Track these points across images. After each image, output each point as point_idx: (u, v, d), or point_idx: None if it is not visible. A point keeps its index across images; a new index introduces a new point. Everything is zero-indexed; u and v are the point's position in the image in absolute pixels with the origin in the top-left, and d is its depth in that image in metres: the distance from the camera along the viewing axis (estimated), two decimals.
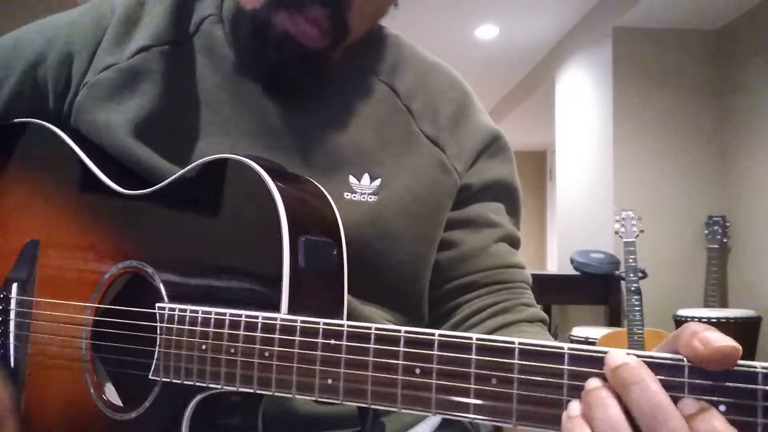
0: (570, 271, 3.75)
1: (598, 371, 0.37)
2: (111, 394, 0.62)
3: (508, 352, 0.40)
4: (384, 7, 0.71)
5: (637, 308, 2.93)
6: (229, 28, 0.71)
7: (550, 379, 0.39)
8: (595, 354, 0.38)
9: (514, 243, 0.77)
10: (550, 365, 0.39)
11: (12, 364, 0.67)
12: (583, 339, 3.27)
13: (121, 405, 0.61)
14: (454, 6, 4.08)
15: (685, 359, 0.36)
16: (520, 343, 0.39)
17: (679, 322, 3.21)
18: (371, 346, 0.45)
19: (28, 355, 0.67)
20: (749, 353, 3.13)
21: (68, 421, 0.64)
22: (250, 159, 0.58)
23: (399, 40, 0.79)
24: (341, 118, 0.72)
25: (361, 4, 0.65)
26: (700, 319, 3.11)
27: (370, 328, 0.45)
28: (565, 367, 0.38)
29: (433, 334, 0.42)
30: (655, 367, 0.36)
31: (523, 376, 0.39)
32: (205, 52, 0.72)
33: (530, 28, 4.52)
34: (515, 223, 0.79)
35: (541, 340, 0.40)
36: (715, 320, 3.09)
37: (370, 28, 0.73)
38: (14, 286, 0.69)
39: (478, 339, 0.41)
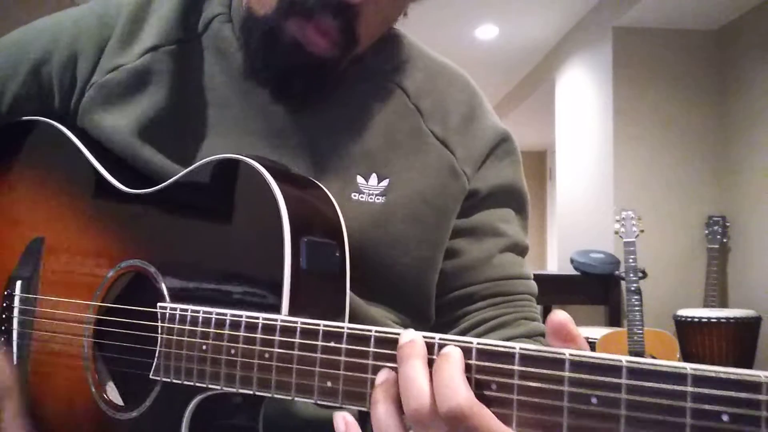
0: (570, 271, 3.75)
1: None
2: (112, 393, 0.62)
3: (508, 357, 0.39)
4: (393, 18, 0.71)
5: (637, 308, 2.93)
6: (240, 33, 0.70)
7: (550, 386, 0.38)
8: (599, 361, 0.37)
9: (520, 251, 0.75)
10: (551, 371, 0.38)
11: (15, 362, 0.67)
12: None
13: (122, 404, 0.61)
14: (454, 6, 4.08)
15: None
16: (520, 348, 0.39)
17: (679, 322, 3.21)
18: (371, 349, 0.44)
19: (31, 353, 0.67)
20: (749, 353, 3.13)
21: (69, 418, 0.64)
22: (254, 159, 0.57)
23: (408, 40, 0.78)
24: (349, 118, 0.71)
25: (371, 16, 0.64)
26: (700, 319, 3.11)
27: (370, 331, 0.44)
28: (566, 373, 0.38)
29: (433, 338, 0.42)
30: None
31: (522, 382, 0.39)
32: (213, 52, 0.72)
33: (530, 28, 4.51)
34: (523, 226, 0.77)
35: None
36: (715, 320, 3.08)
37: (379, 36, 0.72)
38: (18, 284, 0.69)
39: (478, 343, 0.40)
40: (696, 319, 3.13)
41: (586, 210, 4.19)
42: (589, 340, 3.19)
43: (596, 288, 3.66)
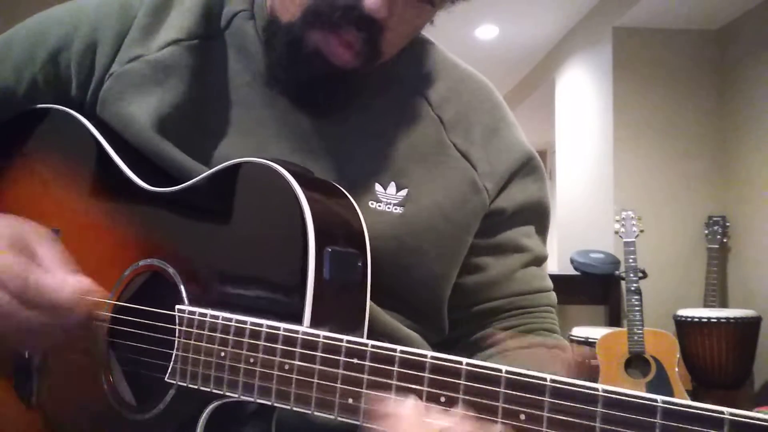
0: (570, 271, 3.75)
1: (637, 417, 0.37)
2: (125, 392, 0.61)
3: (539, 389, 0.39)
4: (419, 28, 0.70)
5: (637, 308, 2.93)
6: (263, 34, 0.69)
7: (581, 421, 0.38)
8: (633, 399, 0.37)
9: (540, 263, 0.76)
10: (582, 406, 0.38)
11: (26, 356, 0.66)
12: (583, 339, 3.26)
13: (135, 404, 0.60)
14: (454, 6, 4.07)
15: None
16: (551, 380, 0.39)
17: (679, 322, 3.21)
18: (395, 369, 0.44)
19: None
20: (749, 353, 3.14)
21: (82, 415, 0.63)
22: (279, 164, 0.57)
23: (433, 47, 0.77)
24: (370, 126, 0.70)
25: (397, 28, 0.64)
26: (700, 319, 3.12)
27: (395, 351, 0.44)
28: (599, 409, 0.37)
29: (460, 363, 0.42)
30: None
31: (553, 415, 0.38)
32: (236, 50, 0.70)
33: (530, 28, 4.51)
34: (544, 239, 0.77)
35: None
36: (714, 320, 3.09)
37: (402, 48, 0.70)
38: None
39: (507, 372, 0.40)
40: (696, 319, 3.14)
41: (586, 210, 4.19)
42: (589, 340, 3.20)
43: (596, 288, 3.67)
